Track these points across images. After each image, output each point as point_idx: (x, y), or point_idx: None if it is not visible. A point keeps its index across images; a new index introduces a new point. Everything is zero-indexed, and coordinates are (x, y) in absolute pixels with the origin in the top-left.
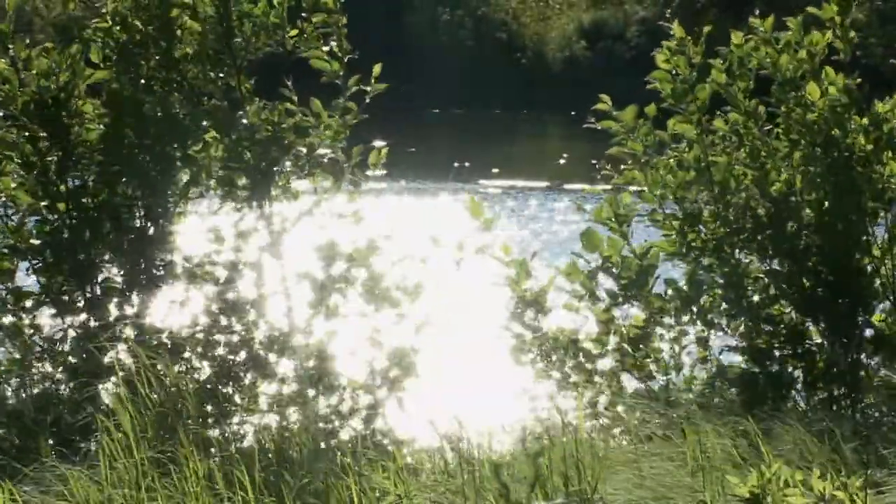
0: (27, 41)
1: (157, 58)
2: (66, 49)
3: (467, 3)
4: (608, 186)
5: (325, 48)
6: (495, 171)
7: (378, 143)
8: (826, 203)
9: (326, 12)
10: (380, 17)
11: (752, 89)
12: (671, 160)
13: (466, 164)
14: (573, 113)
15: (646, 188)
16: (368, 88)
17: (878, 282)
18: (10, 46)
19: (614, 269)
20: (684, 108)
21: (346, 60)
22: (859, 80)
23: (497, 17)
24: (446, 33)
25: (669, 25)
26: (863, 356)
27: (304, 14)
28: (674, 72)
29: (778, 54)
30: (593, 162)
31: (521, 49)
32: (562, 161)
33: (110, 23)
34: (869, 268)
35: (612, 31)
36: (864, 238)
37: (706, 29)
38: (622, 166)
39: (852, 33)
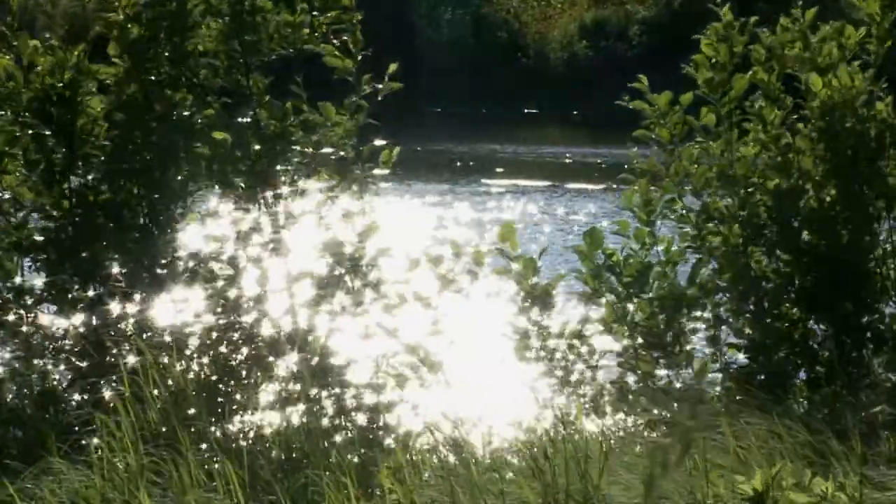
0: (31, 38)
1: (167, 54)
2: (72, 46)
3: (469, 2)
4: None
5: (336, 43)
6: (499, 170)
7: (379, 143)
8: (830, 199)
9: (341, 9)
10: (382, 16)
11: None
12: (695, 149)
13: (470, 163)
14: (575, 112)
15: (667, 179)
16: (381, 86)
17: (880, 282)
18: (15, 43)
19: (617, 268)
20: (716, 98)
21: (359, 58)
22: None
23: (499, 16)
24: (448, 33)
25: (718, 9)
26: (865, 354)
27: (314, 13)
28: (713, 60)
29: (806, 48)
30: (598, 162)
31: (522, 48)
32: (565, 160)
33: (121, 16)
34: (873, 267)
35: (613, 30)
36: (868, 237)
37: (753, 19)
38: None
39: (889, 41)
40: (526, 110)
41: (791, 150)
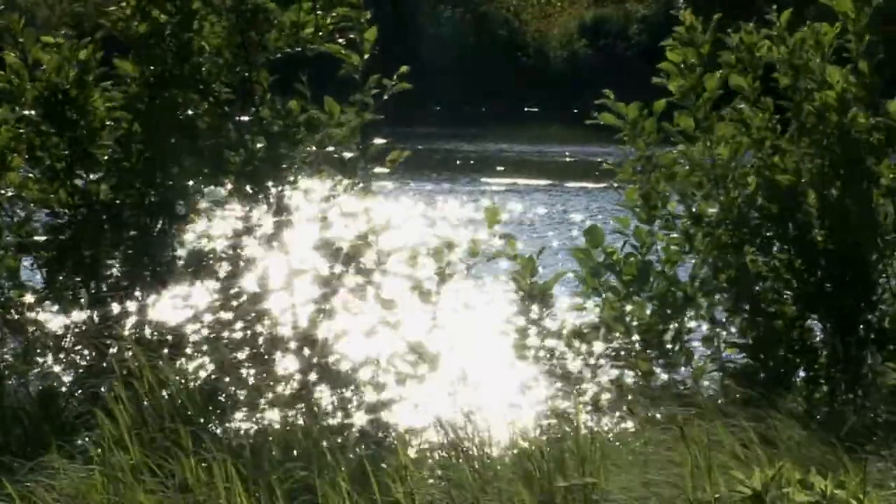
0: (37, 36)
1: (172, 52)
2: (78, 43)
3: (469, 0)
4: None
5: (343, 41)
6: (500, 168)
7: (378, 141)
8: (834, 198)
9: (349, 6)
10: (382, 15)
11: (760, 86)
12: (675, 154)
13: (471, 161)
14: (575, 111)
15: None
16: (387, 82)
17: (883, 279)
18: (21, 40)
19: (616, 267)
20: (690, 103)
21: (365, 57)
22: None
23: (499, 14)
24: (448, 31)
25: (679, 14)
26: (866, 353)
27: (319, 12)
28: (681, 65)
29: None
30: (598, 160)
31: (522, 47)
32: (565, 159)
33: (128, 13)
34: (876, 265)
35: (613, 28)
36: (873, 235)
37: (716, 17)
38: (622, 164)
39: (867, 36)
40: (526, 108)
41: (777, 152)
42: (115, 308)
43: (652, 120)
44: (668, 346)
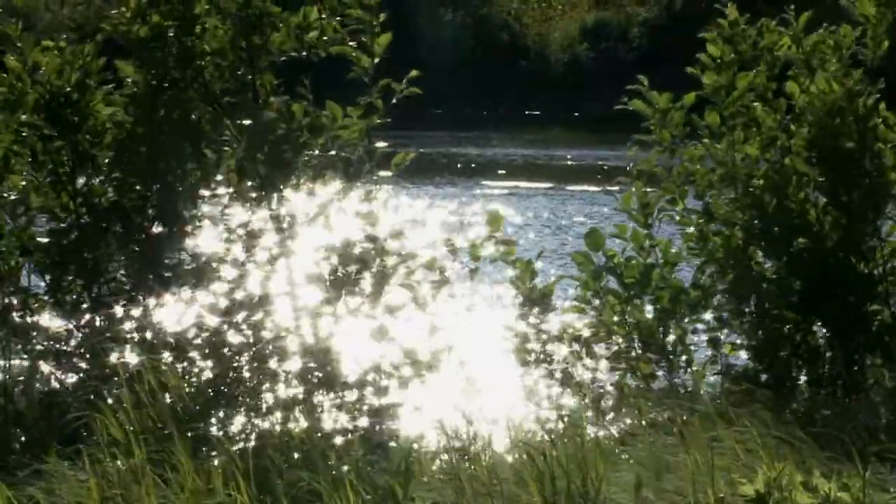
0: (37, 40)
1: (174, 55)
2: (79, 47)
3: (469, 4)
4: (627, 181)
5: (354, 44)
6: (501, 172)
7: (380, 144)
8: (821, 202)
9: (363, 8)
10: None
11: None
12: (698, 151)
13: (472, 165)
14: (576, 114)
15: (669, 180)
16: (394, 84)
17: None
18: (19, 44)
19: (618, 270)
20: (720, 100)
21: (375, 60)
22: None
23: (499, 18)
24: (449, 34)
25: (724, 8)
26: (867, 356)
27: (325, 16)
28: (717, 61)
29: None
30: (600, 164)
31: (523, 50)
32: (566, 162)
33: (130, 17)
34: (864, 268)
35: (614, 32)
36: (857, 238)
37: (762, 21)
38: (640, 158)
39: (885, 43)
40: (527, 112)
41: (787, 154)
42: (118, 311)
43: (682, 111)
44: (670, 348)
